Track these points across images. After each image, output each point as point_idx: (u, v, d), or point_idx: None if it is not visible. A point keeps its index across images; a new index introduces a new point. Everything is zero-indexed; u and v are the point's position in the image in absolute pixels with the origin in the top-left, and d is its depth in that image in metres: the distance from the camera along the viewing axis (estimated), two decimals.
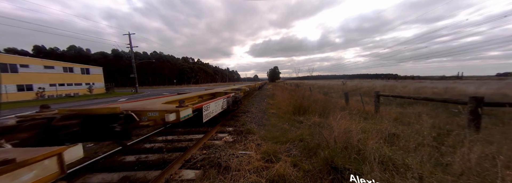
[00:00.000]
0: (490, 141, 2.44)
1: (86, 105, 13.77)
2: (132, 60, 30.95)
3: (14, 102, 18.85)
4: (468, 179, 1.71)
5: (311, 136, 3.74)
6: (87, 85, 30.36)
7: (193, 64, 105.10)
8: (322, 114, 5.69)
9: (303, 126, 4.81)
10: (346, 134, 2.92)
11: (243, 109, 8.07)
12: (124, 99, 18.72)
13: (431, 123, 3.64)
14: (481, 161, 1.88)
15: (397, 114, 5.19)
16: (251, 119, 6.12)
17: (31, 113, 2.47)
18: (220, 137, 4.26)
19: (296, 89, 16.63)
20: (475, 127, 3.14)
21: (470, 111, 3.23)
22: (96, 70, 34.39)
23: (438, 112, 5.82)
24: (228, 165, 2.74)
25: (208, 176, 2.51)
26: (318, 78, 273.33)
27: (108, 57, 73.66)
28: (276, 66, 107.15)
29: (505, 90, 10.94)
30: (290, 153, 3.13)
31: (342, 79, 56.89)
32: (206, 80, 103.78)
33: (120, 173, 2.73)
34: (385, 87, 16.93)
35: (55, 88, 25.79)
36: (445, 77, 59.58)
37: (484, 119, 3.54)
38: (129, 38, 30.24)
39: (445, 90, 12.96)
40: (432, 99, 4.64)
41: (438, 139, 3.03)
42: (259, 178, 2.37)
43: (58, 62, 28.11)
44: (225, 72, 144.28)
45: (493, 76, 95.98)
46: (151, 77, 78.35)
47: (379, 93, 6.00)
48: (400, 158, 2.19)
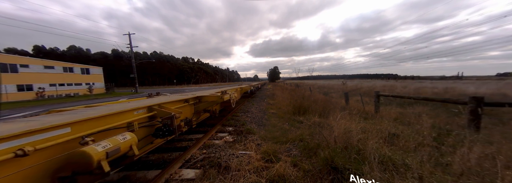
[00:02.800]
0: (490, 141, 2.44)
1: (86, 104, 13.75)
2: (132, 60, 30.95)
3: (14, 102, 18.85)
4: (468, 179, 1.71)
5: (311, 136, 3.74)
6: (87, 86, 30.36)
7: (193, 64, 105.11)
8: (322, 114, 5.69)
9: (303, 126, 4.80)
10: (346, 134, 2.92)
11: (243, 109, 8.07)
12: (124, 98, 18.72)
13: (431, 123, 3.64)
14: (481, 161, 1.88)
15: (397, 114, 5.20)
16: (251, 119, 6.12)
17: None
18: (220, 137, 4.26)
19: (296, 89, 16.63)
20: (475, 127, 3.14)
21: (470, 111, 3.23)
22: (96, 70, 34.38)
23: (438, 112, 5.83)
24: (228, 165, 2.74)
25: (208, 176, 2.50)
26: (318, 78, 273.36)
27: (108, 57, 73.67)
28: (276, 66, 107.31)
29: (505, 90, 10.94)
30: (290, 153, 3.13)
31: (342, 79, 56.88)
32: (206, 80, 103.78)
33: (120, 173, 2.73)
34: (385, 88, 16.93)
35: (55, 88, 25.78)
36: (445, 77, 59.55)
37: (484, 119, 3.54)
38: (129, 38, 30.24)
39: (445, 90, 12.96)
40: (432, 99, 4.64)
41: (438, 139, 3.03)
42: (259, 178, 2.37)
43: (58, 62, 28.10)
44: (225, 72, 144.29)
45: (493, 76, 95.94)
46: (151, 77, 78.36)
47: (379, 93, 6.00)
48: (400, 158, 2.19)
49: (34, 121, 1.89)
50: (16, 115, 9.59)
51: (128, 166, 2.98)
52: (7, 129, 1.52)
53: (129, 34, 30.14)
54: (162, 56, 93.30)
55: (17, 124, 1.80)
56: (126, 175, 2.67)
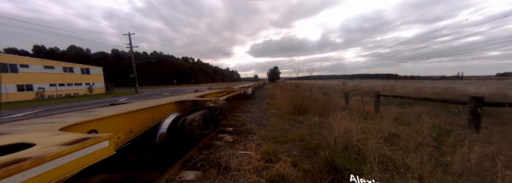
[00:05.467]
0: (490, 141, 2.44)
1: (86, 104, 13.77)
2: (132, 60, 30.96)
3: (14, 102, 18.86)
4: (468, 179, 1.71)
5: (311, 136, 3.74)
6: (87, 86, 30.35)
7: (193, 64, 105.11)
8: (322, 114, 5.69)
9: (303, 126, 4.80)
10: (346, 134, 2.92)
11: (243, 109, 8.07)
12: (124, 98, 18.72)
13: (431, 123, 3.64)
14: (481, 161, 1.88)
15: (397, 114, 5.19)
16: (251, 119, 6.12)
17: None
18: (220, 137, 4.26)
19: (296, 89, 16.64)
20: (475, 127, 3.14)
21: (470, 111, 3.23)
22: (96, 70, 34.38)
23: (438, 112, 5.83)
24: (228, 165, 2.73)
25: (208, 176, 2.50)
26: (318, 78, 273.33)
27: (108, 57, 73.67)
28: (276, 66, 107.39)
29: (505, 90, 10.94)
30: (290, 153, 3.13)
31: (342, 79, 56.86)
32: (206, 80, 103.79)
33: (119, 174, 2.73)
34: (385, 87, 16.93)
35: (55, 88, 25.79)
36: (445, 77, 59.55)
37: (484, 119, 3.54)
38: (129, 38, 30.25)
39: (445, 90, 12.96)
40: (432, 99, 4.63)
41: (438, 139, 3.03)
42: (259, 178, 2.37)
43: (58, 62, 28.10)
44: (225, 72, 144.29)
45: (493, 76, 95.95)
46: (151, 77, 78.37)
47: (379, 93, 6.00)
48: (400, 158, 2.19)
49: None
50: (17, 115, 9.59)
51: (128, 167, 2.99)
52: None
53: (129, 34, 30.15)
54: (162, 56, 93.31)
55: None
56: (126, 176, 2.67)
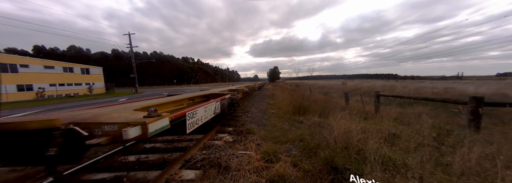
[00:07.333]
0: (490, 141, 2.44)
1: (86, 104, 13.77)
2: (132, 60, 30.95)
3: (14, 102, 18.85)
4: (468, 179, 1.71)
5: (311, 136, 3.74)
6: (87, 86, 30.36)
7: (193, 64, 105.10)
8: (322, 114, 5.69)
9: (303, 126, 4.80)
10: (346, 134, 2.92)
11: (243, 109, 8.07)
12: (124, 98, 18.73)
13: (431, 123, 3.64)
14: (481, 161, 1.88)
15: (397, 114, 5.19)
16: (251, 119, 6.12)
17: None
18: (220, 137, 4.26)
19: (296, 89, 16.64)
20: (475, 127, 3.14)
21: (470, 111, 3.23)
22: (96, 70, 34.38)
23: (438, 112, 5.83)
24: (228, 165, 2.73)
25: (208, 176, 2.50)
26: (318, 78, 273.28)
27: (108, 57, 73.66)
28: (276, 66, 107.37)
29: (505, 90, 10.94)
30: (290, 153, 3.13)
31: (342, 79, 56.88)
32: (206, 81, 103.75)
33: (120, 173, 2.73)
34: (385, 87, 16.93)
35: (55, 89, 25.79)
36: (445, 77, 59.56)
37: (484, 119, 3.54)
38: (129, 38, 30.24)
39: (445, 90, 12.97)
40: (432, 99, 4.63)
41: (438, 139, 3.03)
42: (259, 178, 2.37)
43: (58, 62, 28.10)
44: (225, 72, 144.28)
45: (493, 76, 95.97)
46: (151, 77, 78.37)
47: (379, 93, 6.00)
48: (400, 158, 2.19)
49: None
50: (17, 115, 9.59)
51: (128, 167, 2.99)
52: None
53: (129, 34, 30.14)
54: (162, 56, 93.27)
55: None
56: (126, 176, 2.67)
